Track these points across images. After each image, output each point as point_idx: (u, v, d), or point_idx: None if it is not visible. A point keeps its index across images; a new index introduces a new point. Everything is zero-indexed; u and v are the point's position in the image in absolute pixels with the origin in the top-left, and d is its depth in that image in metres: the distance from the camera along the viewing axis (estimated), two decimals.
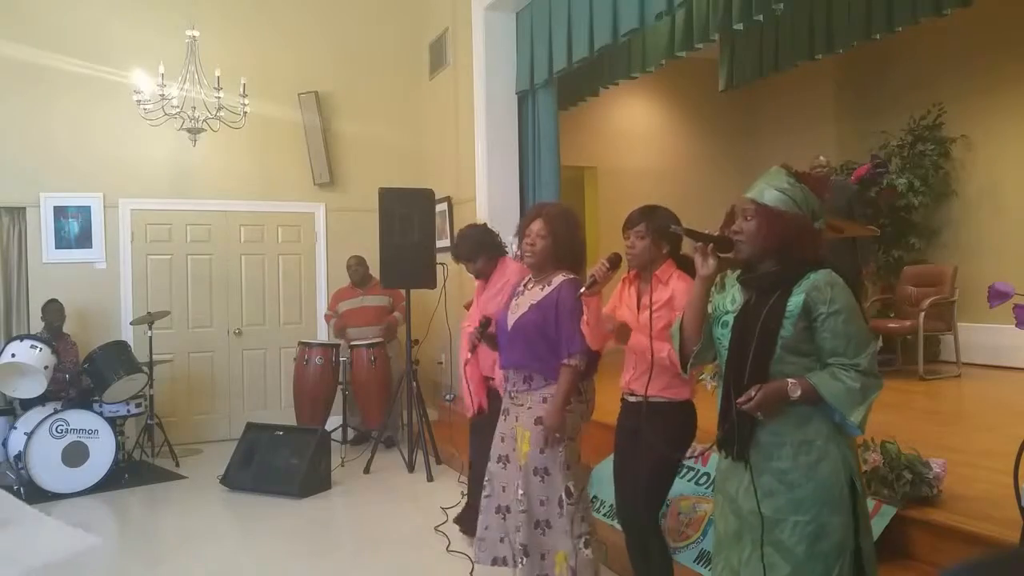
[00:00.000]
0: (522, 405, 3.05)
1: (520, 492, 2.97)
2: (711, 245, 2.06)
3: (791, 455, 1.98)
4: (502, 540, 3.09)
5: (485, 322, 3.20)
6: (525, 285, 3.16)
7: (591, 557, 2.93)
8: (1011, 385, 5.74)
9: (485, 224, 4.27)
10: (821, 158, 6.12)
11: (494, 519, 3.11)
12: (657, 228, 2.73)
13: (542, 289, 3.03)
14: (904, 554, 2.84)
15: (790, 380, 1.94)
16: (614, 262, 2.68)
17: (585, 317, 2.78)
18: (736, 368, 2.02)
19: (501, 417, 3.19)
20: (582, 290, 2.71)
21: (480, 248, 3.93)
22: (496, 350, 3.20)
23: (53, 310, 5.88)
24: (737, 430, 2.03)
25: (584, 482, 3.13)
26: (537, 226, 3.04)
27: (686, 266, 2.75)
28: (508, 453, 3.11)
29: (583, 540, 2.92)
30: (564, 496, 2.93)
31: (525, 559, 2.94)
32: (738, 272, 2.14)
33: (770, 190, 2.02)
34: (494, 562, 3.12)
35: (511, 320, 3.08)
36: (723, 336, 2.10)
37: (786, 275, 2.01)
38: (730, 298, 2.13)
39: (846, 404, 1.92)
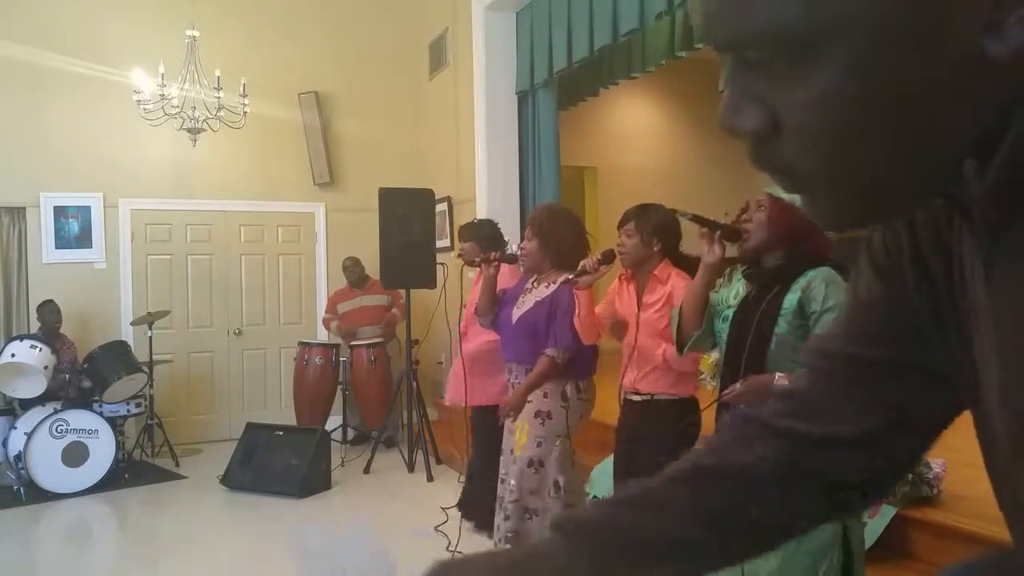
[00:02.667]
0: None
1: (512, 483, 3.12)
2: (717, 233, 2.09)
3: None
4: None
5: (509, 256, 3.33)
6: (533, 283, 3.25)
7: None
8: None
9: (496, 224, 4.41)
10: None
11: None
12: (656, 225, 2.75)
13: (547, 287, 3.12)
14: (904, 554, 2.84)
15: (778, 373, 1.96)
16: (607, 257, 2.71)
17: (577, 311, 2.81)
18: (733, 363, 2.04)
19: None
20: (571, 277, 2.76)
21: (482, 234, 4.08)
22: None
23: (50, 311, 5.84)
24: None
25: (574, 480, 3.22)
26: (527, 230, 3.20)
27: (684, 264, 2.76)
28: (512, 446, 3.21)
29: None
30: (553, 488, 3.07)
31: (516, 544, 3.08)
32: (745, 267, 2.16)
33: None
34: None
35: (515, 315, 3.19)
36: (722, 330, 2.12)
37: (787, 271, 2.03)
38: (734, 292, 2.15)
39: None
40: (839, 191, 0.50)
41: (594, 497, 3.92)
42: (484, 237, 4.05)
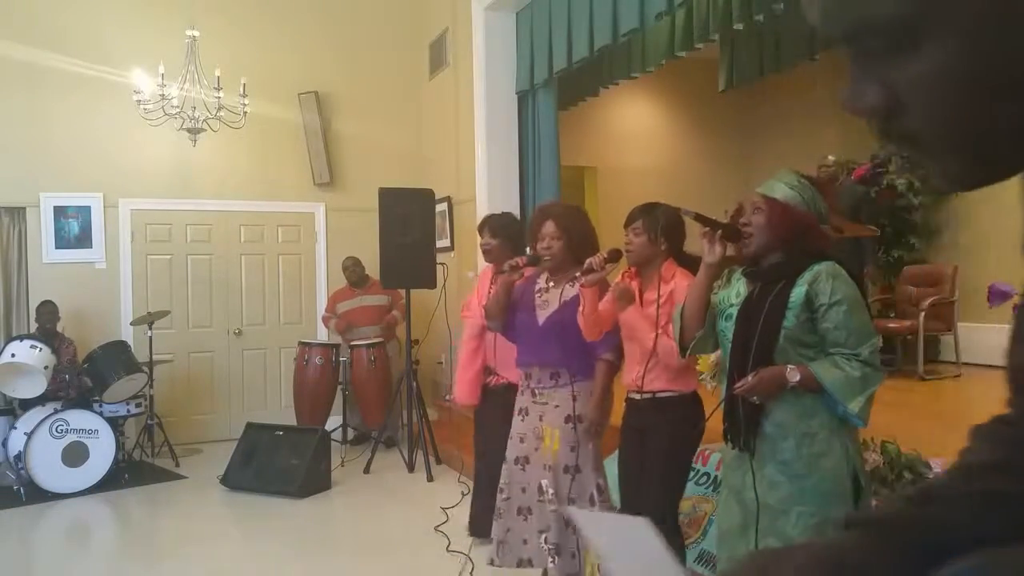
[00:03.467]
0: (547, 403, 3.03)
1: (551, 491, 2.95)
2: (718, 232, 2.10)
3: (794, 447, 2.00)
4: (525, 542, 3.07)
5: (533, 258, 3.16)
6: (547, 283, 3.13)
7: None
8: None
9: (519, 220, 4.21)
10: (829, 158, 6.13)
11: (515, 521, 3.10)
12: (663, 224, 2.75)
13: (571, 286, 3.01)
14: None
15: (789, 365, 1.97)
16: (613, 256, 2.71)
17: (582, 308, 2.79)
18: (740, 359, 2.05)
19: (518, 417, 3.15)
20: (578, 275, 2.73)
21: (510, 233, 3.85)
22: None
23: (46, 312, 5.82)
24: (743, 421, 2.05)
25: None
26: (549, 228, 3.04)
27: (689, 264, 2.76)
28: (528, 454, 3.08)
29: None
30: (595, 492, 2.95)
31: (557, 558, 2.93)
32: (743, 267, 2.17)
33: (780, 186, 2.06)
34: (519, 564, 3.09)
35: (541, 317, 3.06)
36: (727, 328, 2.12)
37: (790, 267, 2.03)
38: (735, 292, 2.15)
39: (846, 392, 1.93)
40: (959, 155, 0.55)
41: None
42: (510, 236, 3.80)
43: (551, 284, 3.11)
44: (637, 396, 2.80)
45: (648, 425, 2.74)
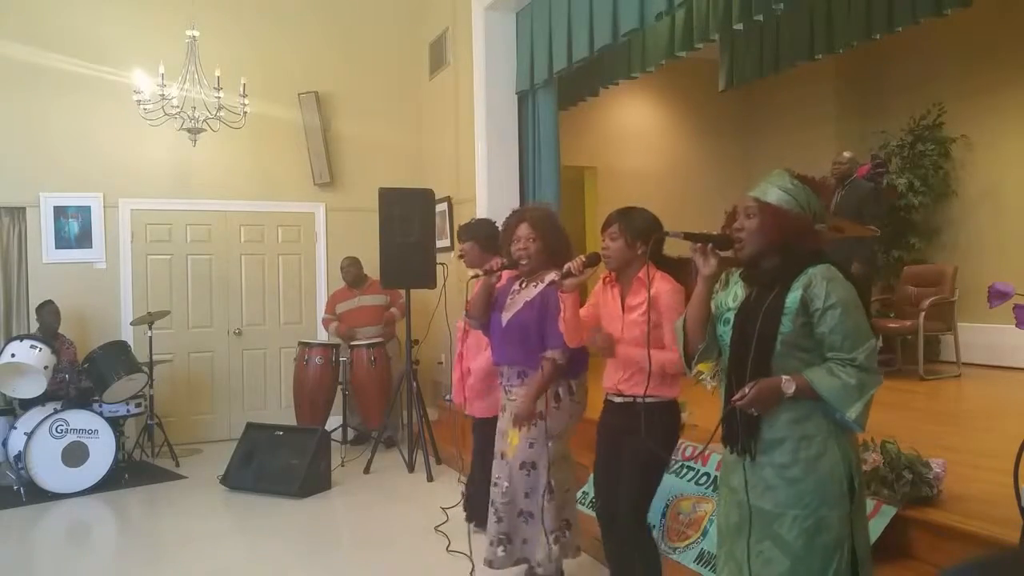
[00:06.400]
0: (514, 400, 3.14)
1: (505, 484, 3.11)
2: (710, 244, 2.08)
3: (791, 450, 1.99)
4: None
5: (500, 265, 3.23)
6: (520, 284, 3.19)
7: (558, 553, 3.13)
8: (1011, 385, 5.73)
9: (495, 222, 4.24)
10: (845, 154, 6.10)
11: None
12: (640, 227, 2.74)
13: (535, 287, 3.10)
14: (904, 554, 2.84)
15: (784, 377, 1.95)
16: (592, 260, 2.71)
17: (562, 314, 2.79)
18: (738, 365, 2.04)
19: (500, 413, 3.29)
20: (556, 278, 2.74)
21: (483, 234, 3.95)
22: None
23: (49, 312, 5.82)
24: (740, 425, 2.05)
25: (569, 480, 3.21)
26: (524, 230, 3.12)
27: (667, 267, 2.74)
28: (504, 449, 3.20)
29: (554, 536, 3.10)
30: (544, 491, 3.07)
31: (508, 545, 3.14)
32: (741, 270, 2.16)
33: (773, 189, 2.04)
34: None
35: (505, 317, 3.16)
36: (725, 333, 2.12)
37: (785, 271, 2.02)
38: (732, 295, 2.14)
39: (842, 400, 1.92)
40: None
41: (592, 500, 3.91)
42: (483, 236, 3.97)
43: (523, 286, 3.18)
44: (618, 399, 2.80)
45: (626, 428, 2.73)
